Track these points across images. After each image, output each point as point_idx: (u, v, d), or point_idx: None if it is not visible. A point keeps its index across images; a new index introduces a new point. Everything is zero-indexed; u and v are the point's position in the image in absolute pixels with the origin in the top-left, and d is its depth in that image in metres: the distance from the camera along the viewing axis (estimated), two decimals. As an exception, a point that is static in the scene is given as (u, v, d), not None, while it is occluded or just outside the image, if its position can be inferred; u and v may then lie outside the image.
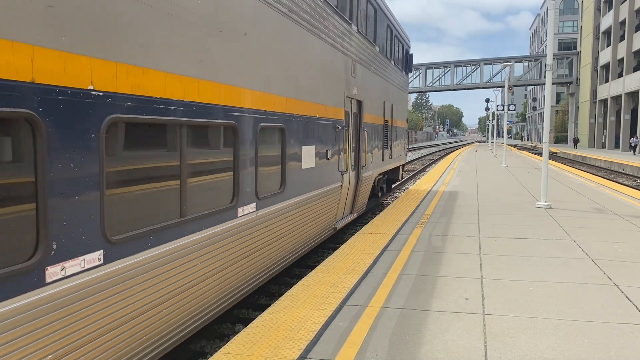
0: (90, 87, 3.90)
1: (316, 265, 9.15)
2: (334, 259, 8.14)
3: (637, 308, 6.03)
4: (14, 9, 3.26)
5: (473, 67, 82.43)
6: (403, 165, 21.15)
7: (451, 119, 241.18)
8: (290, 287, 7.62)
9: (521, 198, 15.73)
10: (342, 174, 11.09)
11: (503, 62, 42.19)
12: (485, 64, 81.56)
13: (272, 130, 7.47)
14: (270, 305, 6.83)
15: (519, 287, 6.79)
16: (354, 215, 12.82)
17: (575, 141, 73.98)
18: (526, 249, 8.95)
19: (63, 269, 3.70)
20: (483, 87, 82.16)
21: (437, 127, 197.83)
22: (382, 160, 15.62)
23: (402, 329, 5.34)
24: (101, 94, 4.00)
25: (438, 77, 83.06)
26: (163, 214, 4.89)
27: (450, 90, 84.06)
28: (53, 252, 3.63)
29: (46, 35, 3.48)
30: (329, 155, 10.09)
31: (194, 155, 5.39)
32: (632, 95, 57.53)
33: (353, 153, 12.16)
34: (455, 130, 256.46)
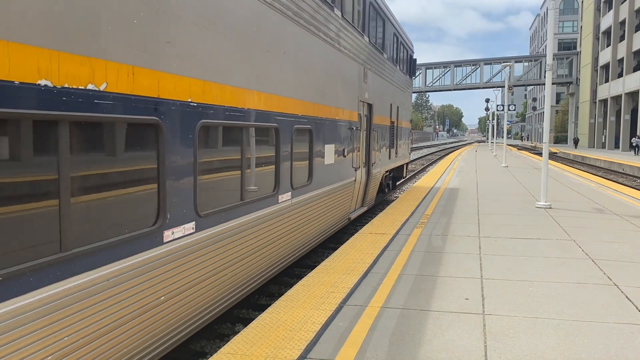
0: (189, 100, 5.25)
1: (316, 265, 9.16)
2: (334, 259, 8.14)
3: (637, 308, 6.03)
4: (149, 46, 4.59)
5: (473, 67, 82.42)
6: (407, 164, 22.25)
7: (451, 119, 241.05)
8: (290, 287, 7.62)
9: (521, 198, 15.73)
10: (356, 170, 12.39)
11: (503, 62, 42.16)
12: (485, 64, 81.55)
13: (303, 131, 8.80)
14: (270, 305, 6.84)
15: (519, 287, 6.79)
16: (365, 208, 13.89)
17: (576, 141, 73.62)
18: (526, 249, 8.95)
19: (173, 233, 5.06)
20: (483, 87, 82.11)
21: (437, 127, 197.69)
22: (389, 158, 16.83)
23: (402, 329, 5.34)
24: (195, 104, 5.36)
25: (438, 77, 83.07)
26: (230, 197, 6.26)
27: (450, 90, 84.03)
28: (168, 220, 4.96)
29: (166, 63, 4.86)
30: (345, 153, 11.35)
31: (249, 151, 6.80)
32: (632, 95, 57.54)
33: (364, 151, 13.35)
34: (455, 130, 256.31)
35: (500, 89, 64.84)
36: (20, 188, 3.51)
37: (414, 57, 22.01)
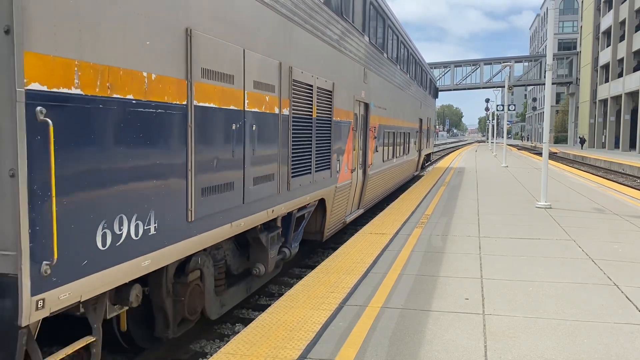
0: (395, 125, 17.86)
1: (316, 265, 9.16)
2: (334, 259, 8.14)
3: (637, 308, 6.03)
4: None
5: (473, 67, 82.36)
6: (432, 152, 37.68)
7: (451, 119, 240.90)
8: (290, 287, 7.63)
9: (521, 198, 15.73)
10: (417, 151, 24.81)
11: (503, 62, 42.14)
12: (485, 64, 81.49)
13: (407, 133, 20.35)
14: (270, 305, 6.84)
15: (519, 287, 6.79)
16: (418, 172, 27.37)
17: (582, 141, 70.21)
18: (526, 249, 8.95)
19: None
20: (483, 87, 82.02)
21: (437, 127, 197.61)
22: (426, 147, 29.99)
23: (402, 329, 5.35)
24: (393, 125, 17.18)
25: (438, 77, 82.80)
26: (389, 157, 16.51)
27: (450, 90, 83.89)
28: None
29: (394, 115, 17.77)
30: (415, 143, 23.60)
31: (399, 140, 18.74)
32: (632, 95, 57.46)
33: (418, 142, 25.30)
34: (455, 131, 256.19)
35: (500, 89, 64.71)
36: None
37: (436, 86, 38.15)
